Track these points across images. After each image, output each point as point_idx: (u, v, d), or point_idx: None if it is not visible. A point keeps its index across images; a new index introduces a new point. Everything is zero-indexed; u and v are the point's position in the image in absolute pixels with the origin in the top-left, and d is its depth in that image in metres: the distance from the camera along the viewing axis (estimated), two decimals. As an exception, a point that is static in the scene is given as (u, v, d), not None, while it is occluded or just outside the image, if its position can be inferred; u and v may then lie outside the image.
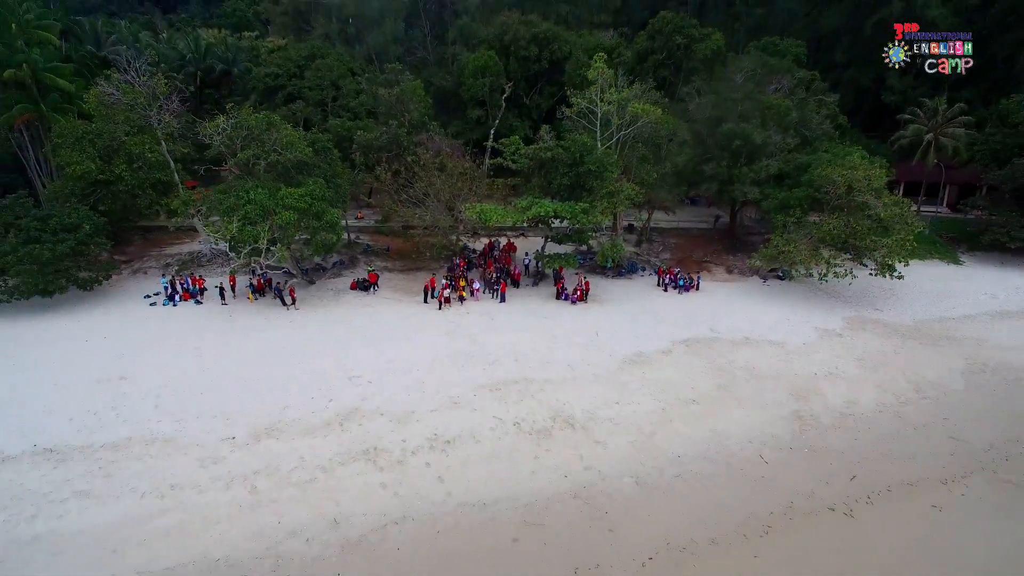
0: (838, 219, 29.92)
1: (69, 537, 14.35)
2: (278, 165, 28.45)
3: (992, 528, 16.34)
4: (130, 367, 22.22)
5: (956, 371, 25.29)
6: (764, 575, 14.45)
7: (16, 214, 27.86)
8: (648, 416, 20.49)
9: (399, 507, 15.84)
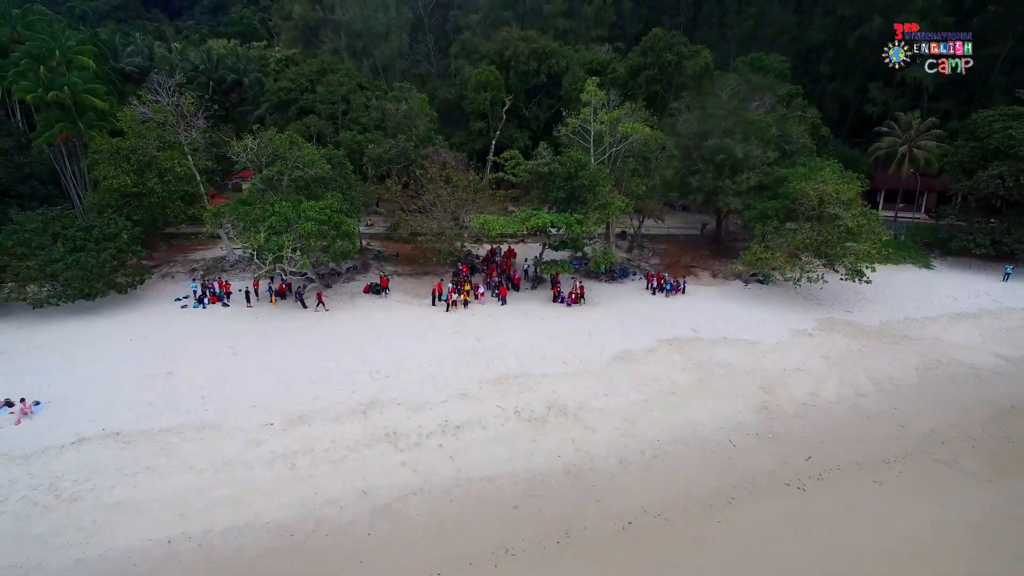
0: (811, 228, 32.73)
1: (143, 503, 17.18)
2: (300, 180, 31.22)
3: (922, 500, 19.14)
4: (174, 363, 25.04)
5: (911, 367, 28.12)
6: (726, 538, 17.24)
7: (63, 224, 30.68)
8: (632, 406, 23.32)
9: (417, 481, 18.67)
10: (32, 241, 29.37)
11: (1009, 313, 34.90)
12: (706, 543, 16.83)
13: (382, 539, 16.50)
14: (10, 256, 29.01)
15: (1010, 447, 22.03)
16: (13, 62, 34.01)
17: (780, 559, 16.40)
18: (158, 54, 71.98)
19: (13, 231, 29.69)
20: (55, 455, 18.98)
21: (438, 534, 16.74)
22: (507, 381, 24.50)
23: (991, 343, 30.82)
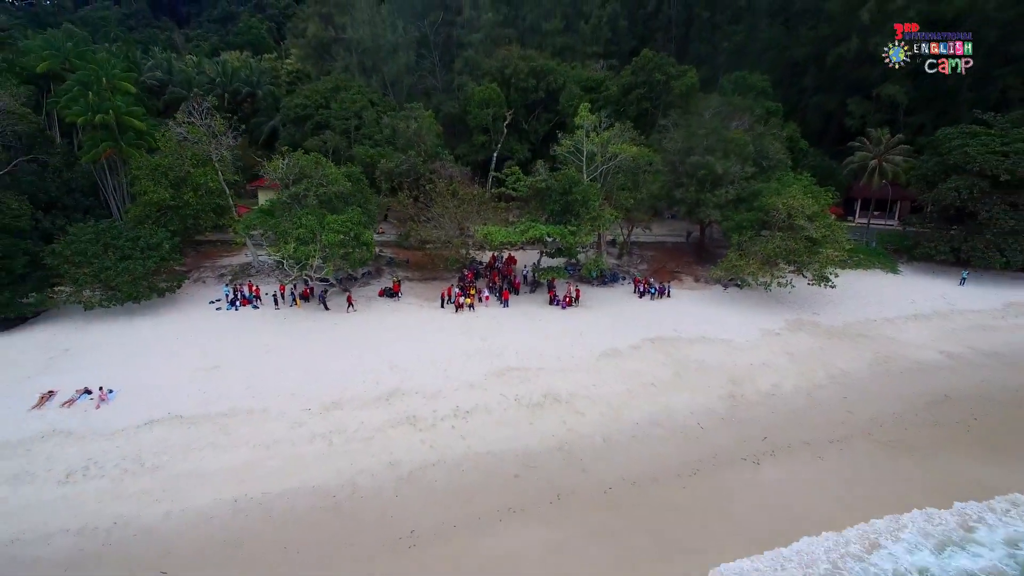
0: (781, 238, 36.49)
1: (211, 472, 20.93)
2: (324, 196, 34.95)
3: (857, 472, 22.87)
4: (218, 359, 28.79)
5: (864, 362, 31.91)
6: (688, 500, 20.97)
7: (112, 235, 34.38)
8: (616, 395, 27.09)
9: (434, 455, 22.43)
10: (87, 250, 33.07)
11: (959, 315, 38.69)
12: (672, 504, 20.57)
13: (407, 501, 20.24)
14: (68, 264, 32.72)
15: (936, 429, 25.78)
16: (66, 89, 37.70)
17: (732, 515, 20.14)
18: (176, 68, 75.57)
19: (70, 241, 33.38)
20: (133, 434, 22.75)
21: (453, 497, 20.48)
22: (509, 374, 28.28)
23: (938, 342, 34.61)
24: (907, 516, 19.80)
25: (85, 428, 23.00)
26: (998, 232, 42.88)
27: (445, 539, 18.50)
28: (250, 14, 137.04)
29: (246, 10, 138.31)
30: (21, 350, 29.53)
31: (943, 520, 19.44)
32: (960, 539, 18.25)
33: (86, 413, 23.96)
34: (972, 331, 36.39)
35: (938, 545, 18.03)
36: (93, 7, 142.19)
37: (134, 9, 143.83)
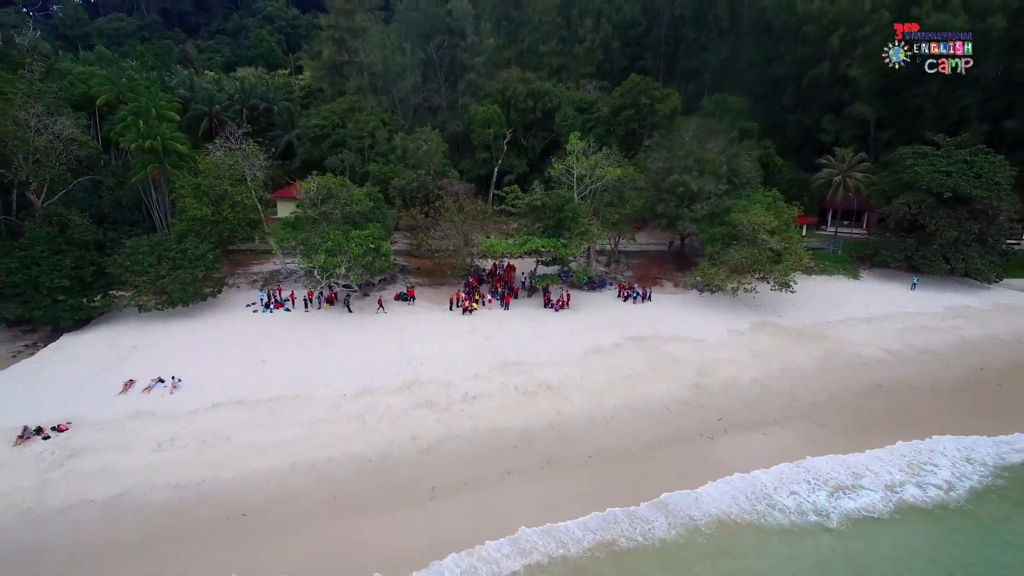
0: (746, 250, 41.66)
1: (268, 445, 26.08)
2: (348, 214, 40.15)
3: (792, 443, 28.03)
4: (263, 355, 33.99)
5: (815, 358, 37.09)
6: (653, 466, 26.07)
7: (164, 248, 39.57)
8: (599, 385, 32.27)
9: (447, 432, 27.58)
10: (144, 261, 38.28)
11: (906, 317, 43.90)
12: (639, 469, 25.70)
13: (427, 466, 25.41)
14: (129, 273, 37.92)
15: (867, 414, 30.95)
16: (120, 118, 42.85)
17: (686, 477, 25.27)
18: (198, 85, 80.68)
19: (129, 253, 38.58)
20: (202, 414, 27.96)
21: (463, 463, 25.64)
22: (509, 367, 33.47)
23: (882, 340, 39.79)
24: (811, 463, 25.15)
25: (164, 410, 28.22)
26: (944, 242, 48.11)
27: (458, 494, 23.66)
28: (259, 25, 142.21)
29: (255, 21, 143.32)
30: (95, 347, 34.75)
31: (840, 469, 24.75)
32: (851, 485, 23.52)
33: (163, 398, 29.18)
34: (913, 331, 41.59)
35: (833, 488, 23.29)
36: (107, 18, 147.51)
37: (148, 20, 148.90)
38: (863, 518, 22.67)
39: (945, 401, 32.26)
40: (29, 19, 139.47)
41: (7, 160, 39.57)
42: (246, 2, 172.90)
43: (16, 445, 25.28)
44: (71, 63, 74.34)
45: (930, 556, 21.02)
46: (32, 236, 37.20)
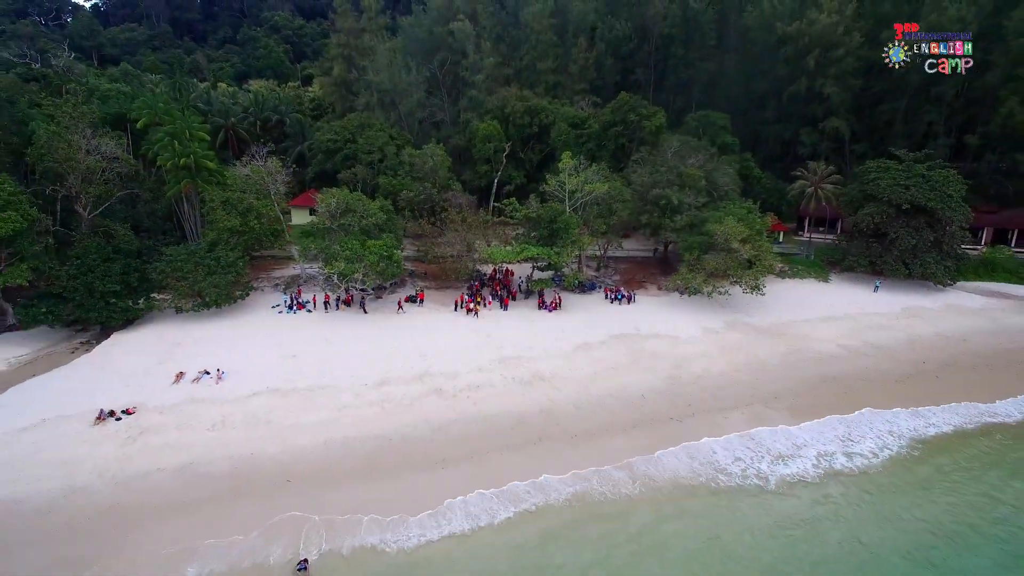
0: (720, 257, 46.49)
1: (304, 425, 30.91)
2: (365, 226, 45.00)
3: (748, 424, 32.85)
4: (293, 350, 38.83)
5: (778, 353, 41.92)
6: (628, 444, 30.88)
7: (200, 256, 44.35)
8: (585, 376, 37.12)
9: (455, 415, 32.43)
10: (183, 267, 43.12)
11: (865, 316, 48.74)
12: (615, 446, 30.47)
13: (438, 442, 30.24)
14: (170, 278, 42.74)
15: (816, 399, 35.77)
16: (158, 140, 47.65)
17: (669, 465, 30.10)
18: (215, 98, 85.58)
19: (169, 261, 43.40)
20: (246, 401, 32.82)
21: (468, 440, 30.48)
22: (507, 361, 38.34)
23: (840, 338, 44.63)
24: (757, 433, 30.10)
25: (213, 397, 33.08)
26: (903, 249, 52.97)
27: (464, 463, 28.49)
28: (266, 35, 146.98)
29: (262, 31, 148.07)
30: (144, 344, 39.62)
31: (782, 440, 29.69)
32: (790, 454, 28.45)
33: (210, 387, 34.05)
34: (869, 329, 46.44)
35: (774, 457, 28.20)
36: (119, 28, 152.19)
37: (158, 30, 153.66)
38: (796, 481, 27.58)
39: (885, 389, 37.10)
40: (43, 29, 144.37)
41: (60, 177, 44.40)
42: (252, 12, 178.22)
43: (95, 424, 30.14)
44: (97, 78, 79.27)
45: (844, 514, 25.87)
46: (85, 246, 42.05)
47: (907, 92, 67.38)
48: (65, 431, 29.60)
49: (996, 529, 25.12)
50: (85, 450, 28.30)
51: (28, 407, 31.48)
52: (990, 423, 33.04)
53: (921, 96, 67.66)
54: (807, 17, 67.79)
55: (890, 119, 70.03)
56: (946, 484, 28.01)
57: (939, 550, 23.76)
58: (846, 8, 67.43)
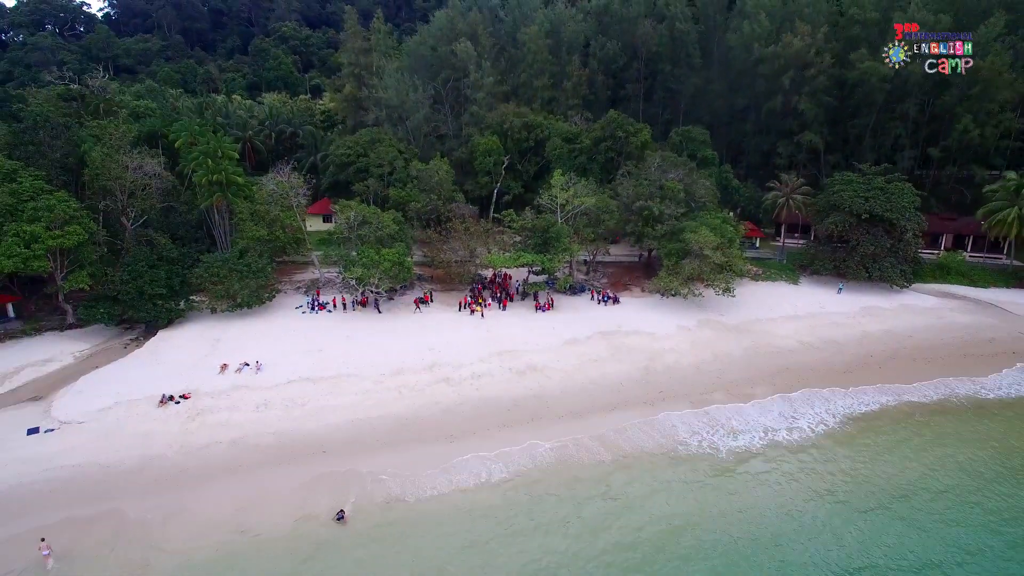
0: (695, 263, 52.21)
1: (334, 407, 36.80)
2: (380, 236, 50.85)
3: (710, 406, 38.64)
4: (319, 344, 44.68)
5: (742, 348, 47.67)
6: (606, 422, 36.66)
7: (233, 262, 50.13)
8: (572, 367, 42.93)
9: (461, 400, 38.28)
10: (219, 273, 48.96)
11: (825, 315, 54.44)
12: (594, 424, 36.26)
13: (447, 421, 36.06)
14: (208, 283, 48.58)
15: (772, 386, 41.54)
16: (193, 158, 53.44)
17: (636, 438, 35.88)
18: (232, 111, 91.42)
19: (207, 267, 49.23)
20: (282, 388, 38.69)
21: (472, 419, 36.30)
22: (505, 354, 44.17)
23: (799, 334, 50.37)
24: (711, 411, 35.96)
25: (254, 384, 38.96)
26: (863, 254, 58.67)
27: (469, 438, 34.29)
28: (274, 46, 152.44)
29: (271, 42, 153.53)
30: (188, 340, 45.51)
31: (735, 417, 35.56)
32: (741, 428, 34.34)
33: (251, 376, 39.92)
34: (827, 327, 52.17)
35: (727, 431, 34.08)
36: (134, 39, 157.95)
37: (171, 41, 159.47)
38: (744, 451, 33.40)
39: (831, 377, 42.82)
40: (60, 40, 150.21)
41: (110, 192, 50.25)
42: (260, 21, 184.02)
43: (159, 407, 36.03)
44: (122, 94, 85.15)
45: (783, 475, 31.66)
46: (134, 254, 47.94)
47: (875, 109, 72.97)
48: (136, 412, 35.54)
49: (903, 485, 30.91)
50: (156, 426, 34.25)
51: (102, 392, 37.43)
52: (911, 401, 38.99)
53: (888, 112, 73.25)
54: (782, 40, 73.39)
55: (860, 133, 75.57)
56: (870, 451, 33.81)
57: (855, 502, 29.56)
58: (818, 32, 72.94)
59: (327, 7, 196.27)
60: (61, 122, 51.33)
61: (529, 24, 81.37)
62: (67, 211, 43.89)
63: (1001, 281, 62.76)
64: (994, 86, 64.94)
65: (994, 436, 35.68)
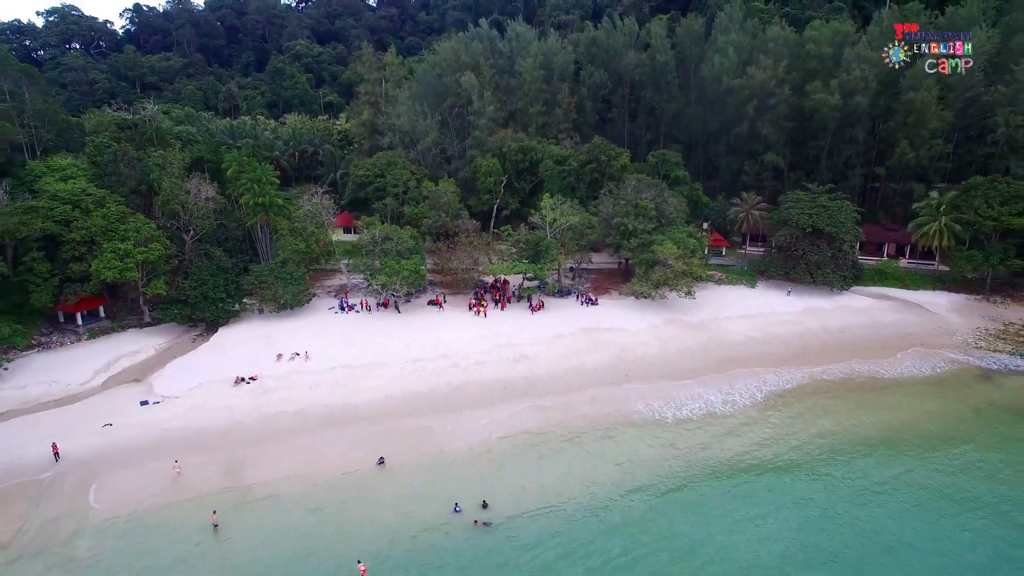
0: (661, 271, 62.52)
1: (369, 388, 47.21)
2: (400, 250, 61.26)
3: (666, 385, 48.89)
4: (351, 340, 55.11)
5: (700, 342, 57.95)
6: (580, 398, 46.92)
7: (277, 271, 60.52)
8: (557, 356, 53.28)
9: (467, 380, 48.66)
10: (267, 280, 59.40)
11: (773, 315, 64.64)
12: (571, 399, 46.58)
13: (457, 397, 46.42)
14: (258, 288, 59.03)
15: (717, 371, 51.79)
16: (242, 184, 63.79)
17: (604, 408, 46.14)
18: (260, 134, 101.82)
19: (257, 275, 59.68)
20: (327, 373, 49.13)
21: (476, 395, 46.65)
22: (502, 346, 54.53)
23: (748, 331, 60.58)
24: (663, 386, 46.28)
25: (305, 370, 49.39)
26: (808, 262, 68.95)
27: (474, 409, 44.64)
28: (288, 63, 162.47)
29: (285, 59, 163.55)
30: (246, 335, 55.97)
31: (681, 392, 45.88)
32: (685, 402, 44.63)
33: (302, 364, 50.35)
34: (773, 324, 62.44)
35: (675, 404, 44.43)
36: (157, 57, 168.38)
37: (191, 59, 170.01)
38: (686, 419, 43.70)
39: (770, 365, 53.06)
40: (91, 60, 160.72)
41: (175, 214, 60.69)
42: (272, 37, 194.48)
43: (234, 386, 46.43)
44: (164, 116, 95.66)
45: (707, 437, 41.94)
46: (198, 265, 58.34)
47: (829, 133, 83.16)
48: (217, 390, 46.01)
49: (808, 444, 41.15)
50: (234, 401, 44.70)
51: (187, 375, 47.94)
52: (822, 379, 49.42)
53: (840, 136, 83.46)
54: (747, 73, 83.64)
55: (817, 154, 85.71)
56: (782, 415, 44.09)
57: (770, 456, 39.82)
58: (779, 65, 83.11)
59: (335, 23, 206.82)
60: (135, 155, 61.67)
61: (525, 56, 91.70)
62: (149, 231, 54.35)
63: (929, 284, 72.97)
64: (925, 116, 75.11)
65: (879, 405, 46.01)
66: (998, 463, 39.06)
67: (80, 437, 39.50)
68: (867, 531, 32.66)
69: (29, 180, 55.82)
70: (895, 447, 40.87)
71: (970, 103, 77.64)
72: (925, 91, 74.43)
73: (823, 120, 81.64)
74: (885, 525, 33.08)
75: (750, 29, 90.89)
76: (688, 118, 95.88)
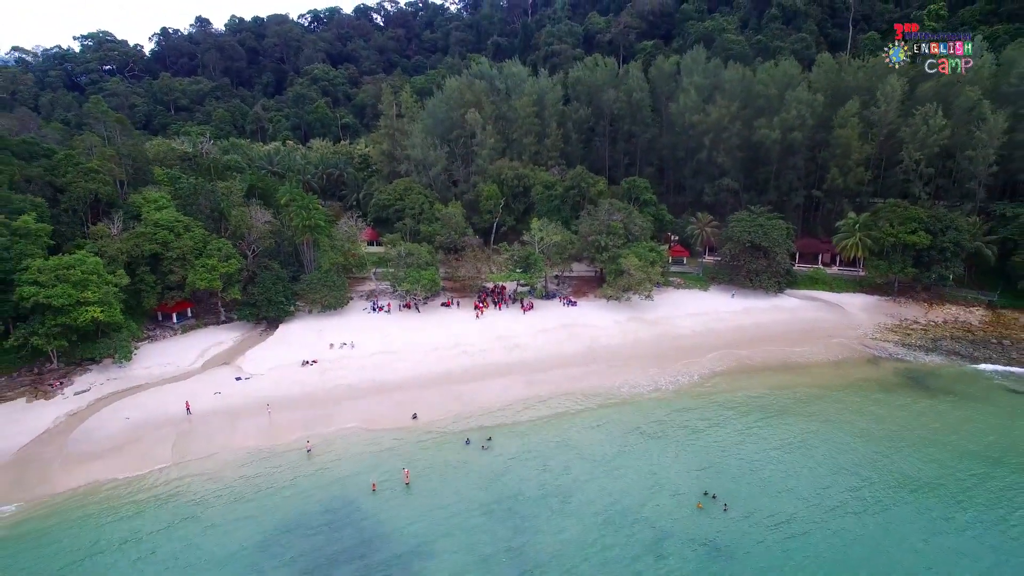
0: (627, 279, 78.73)
1: (401, 368, 63.57)
2: (420, 263, 77.57)
3: (623, 371, 65.09)
4: (384, 333, 71.51)
5: (653, 335, 74.18)
6: (558, 374, 63.18)
7: (324, 279, 76.80)
8: (543, 344, 69.63)
9: (474, 364, 65.02)
10: (315, 286, 75.78)
11: (715, 313, 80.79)
12: (551, 376, 62.83)
13: (465, 376, 62.75)
14: (308, 292, 75.40)
15: (666, 357, 68.01)
16: (293, 211, 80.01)
17: (574, 383, 62.36)
18: (291, 159, 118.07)
19: (307, 282, 76.07)
20: (369, 358, 65.49)
21: (480, 375, 63.00)
22: (501, 338, 70.85)
23: (693, 326, 76.76)
24: (622, 370, 62.72)
25: (352, 355, 65.81)
26: (748, 270, 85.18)
27: (478, 383, 60.99)
28: (307, 86, 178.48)
29: (306, 83, 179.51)
30: (301, 330, 72.40)
31: (635, 375, 62.23)
32: (638, 384, 60.92)
33: (349, 351, 66.77)
34: (715, 321, 78.61)
35: (630, 385, 60.74)
36: (187, 80, 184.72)
37: (218, 82, 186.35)
38: (638, 394, 59.85)
39: (708, 352, 69.21)
40: (128, 85, 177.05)
41: (242, 236, 77.05)
42: (290, 59, 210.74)
43: (301, 367, 62.81)
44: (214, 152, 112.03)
45: (652, 405, 58.14)
46: (263, 276, 74.70)
47: (774, 161, 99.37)
48: (290, 370, 62.40)
49: (726, 405, 57.33)
50: (304, 377, 61.13)
51: (265, 359, 64.38)
52: (746, 363, 65.66)
53: (783, 163, 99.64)
54: (705, 111, 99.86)
55: (766, 178, 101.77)
56: (714, 389, 60.28)
57: (697, 416, 56.06)
58: (732, 105, 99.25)
59: (347, 45, 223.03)
60: (209, 188, 78.10)
61: (520, 93, 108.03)
62: (228, 250, 70.78)
63: (851, 288, 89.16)
64: (850, 149, 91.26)
65: (786, 381, 62.14)
66: (856, 418, 55.11)
67: (200, 400, 55.87)
68: (749, 460, 48.88)
69: (134, 211, 72.15)
70: (784, 407, 57.04)
71: (888, 137, 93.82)
72: (850, 128, 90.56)
73: (768, 151, 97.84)
74: (760, 457, 49.32)
75: (711, 71, 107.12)
76: (660, 145, 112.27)
